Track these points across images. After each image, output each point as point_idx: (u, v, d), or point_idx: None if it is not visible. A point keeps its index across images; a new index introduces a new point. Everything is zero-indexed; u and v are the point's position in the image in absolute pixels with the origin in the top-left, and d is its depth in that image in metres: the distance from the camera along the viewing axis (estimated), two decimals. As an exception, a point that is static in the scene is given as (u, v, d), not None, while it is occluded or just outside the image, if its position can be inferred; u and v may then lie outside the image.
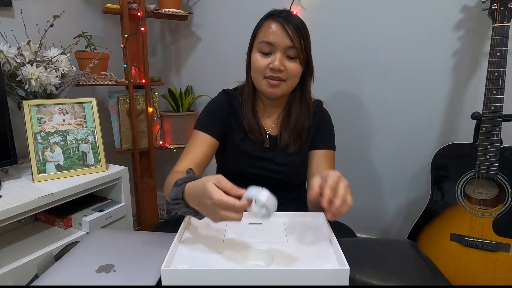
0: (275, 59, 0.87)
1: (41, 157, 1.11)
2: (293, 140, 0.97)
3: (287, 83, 0.91)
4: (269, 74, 0.89)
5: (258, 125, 0.97)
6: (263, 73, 0.90)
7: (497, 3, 1.08)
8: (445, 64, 1.31)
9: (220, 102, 1.00)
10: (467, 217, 1.12)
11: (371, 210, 1.56)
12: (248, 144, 0.98)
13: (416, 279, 0.60)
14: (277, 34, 0.87)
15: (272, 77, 0.89)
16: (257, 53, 0.91)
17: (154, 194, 1.73)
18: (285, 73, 0.89)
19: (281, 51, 0.88)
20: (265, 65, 0.89)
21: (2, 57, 1.10)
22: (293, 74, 0.90)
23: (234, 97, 1.01)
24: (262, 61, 0.89)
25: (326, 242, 0.66)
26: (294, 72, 0.90)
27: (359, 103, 1.48)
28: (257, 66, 0.90)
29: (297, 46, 0.87)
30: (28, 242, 1.06)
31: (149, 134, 1.68)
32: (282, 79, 0.90)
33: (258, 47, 0.90)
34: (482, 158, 1.09)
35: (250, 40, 0.95)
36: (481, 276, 1.10)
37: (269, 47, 0.88)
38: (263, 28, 0.90)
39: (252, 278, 0.54)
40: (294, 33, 0.86)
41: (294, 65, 0.89)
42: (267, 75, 0.90)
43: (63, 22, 1.38)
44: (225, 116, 0.98)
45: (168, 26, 1.92)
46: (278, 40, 0.87)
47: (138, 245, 0.70)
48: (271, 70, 0.88)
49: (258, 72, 0.91)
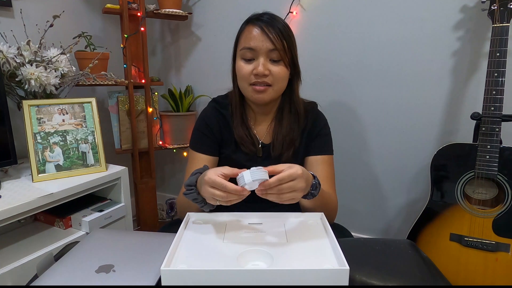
0: (258, 64, 0.85)
1: (40, 157, 1.11)
2: (286, 148, 0.94)
3: (273, 88, 0.88)
4: (254, 80, 0.87)
5: (250, 135, 0.95)
6: (248, 80, 0.88)
7: (497, 4, 1.08)
8: (445, 65, 1.31)
9: (209, 117, 0.98)
10: (467, 217, 1.13)
11: (371, 210, 1.56)
12: (240, 155, 0.96)
13: (415, 279, 0.60)
14: (257, 39, 0.85)
15: (258, 83, 0.87)
16: (241, 60, 0.89)
17: (153, 194, 1.73)
18: (271, 77, 0.86)
19: (263, 55, 0.85)
20: (249, 72, 0.87)
21: (2, 57, 1.10)
22: (279, 78, 0.87)
23: (224, 106, 0.98)
24: (246, 68, 0.87)
25: (325, 242, 0.66)
26: (280, 75, 0.87)
27: (359, 103, 1.48)
28: (242, 74, 0.88)
29: (279, 48, 0.85)
30: (28, 242, 1.06)
31: (149, 134, 1.68)
32: (268, 84, 0.87)
33: (240, 54, 0.89)
34: (481, 158, 1.09)
35: (233, 48, 0.94)
36: (481, 276, 1.10)
37: (251, 53, 0.86)
38: (244, 34, 0.89)
39: (252, 278, 0.54)
40: (275, 35, 0.84)
41: (279, 68, 0.87)
42: (252, 82, 0.87)
43: (62, 22, 1.38)
44: (216, 130, 0.96)
45: (168, 26, 1.92)
46: (259, 44, 0.85)
47: (138, 245, 0.70)
48: (256, 76, 0.86)
49: (243, 80, 0.89)
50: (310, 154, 0.97)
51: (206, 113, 1.00)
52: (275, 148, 0.94)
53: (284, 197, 0.66)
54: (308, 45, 1.52)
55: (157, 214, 1.77)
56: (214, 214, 0.78)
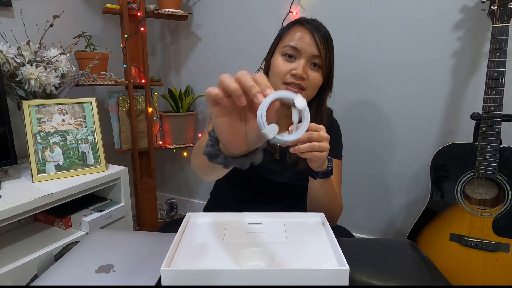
0: (298, 66, 0.83)
1: (40, 157, 1.11)
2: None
3: (306, 92, 0.86)
4: (289, 80, 0.85)
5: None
6: (283, 79, 0.86)
7: (497, 4, 1.08)
8: (445, 64, 1.31)
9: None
10: (467, 217, 1.13)
11: (371, 210, 1.56)
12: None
13: (415, 279, 0.60)
14: (304, 40, 0.84)
15: (293, 83, 0.85)
16: (280, 57, 0.87)
17: (153, 194, 1.73)
18: (306, 81, 0.85)
19: (305, 59, 0.84)
20: (287, 70, 0.85)
21: (2, 57, 1.10)
22: (314, 84, 0.87)
23: None
24: (285, 65, 0.85)
25: (325, 242, 0.66)
26: (315, 82, 0.86)
27: (358, 103, 1.48)
28: (279, 70, 0.86)
29: (322, 56, 0.84)
30: (28, 242, 1.06)
31: (149, 134, 1.68)
32: (302, 87, 0.85)
33: (282, 50, 0.87)
34: (481, 158, 1.09)
35: (273, 43, 0.92)
36: (481, 276, 1.10)
37: (294, 52, 0.85)
38: (290, 33, 0.87)
39: (252, 278, 0.54)
40: (321, 42, 0.84)
41: (317, 75, 0.86)
42: (287, 81, 0.85)
43: (62, 22, 1.38)
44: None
45: (168, 26, 1.92)
46: (305, 47, 0.84)
47: (137, 245, 0.70)
48: (293, 76, 0.84)
49: (278, 77, 0.86)
50: None
51: None
52: (291, 157, 0.92)
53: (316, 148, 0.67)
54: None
55: (157, 214, 1.77)
56: (214, 214, 0.78)
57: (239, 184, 0.99)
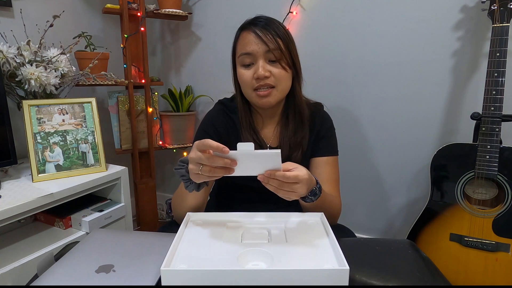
0: (258, 68, 0.85)
1: (40, 157, 1.11)
2: (294, 150, 0.94)
3: (277, 89, 0.87)
4: (256, 85, 0.86)
5: (258, 139, 0.94)
6: (251, 86, 0.87)
7: (497, 4, 1.08)
8: (445, 65, 1.31)
9: (215, 118, 0.97)
10: (467, 217, 1.13)
11: (371, 210, 1.56)
12: None
13: (415, 279, 0.60)
14: (252, 43, 0.85)
15: (261, 86, 0.86)
16: (241, 68, 0.89)
17: (153, 194, 1.73)
18: (272, 78, 0.86)
19: (261, 58, 0.85)
20: (251, 77, 0.86)
21: (2, 57, 1.10)
22: (281, 77, 0.87)
23: (232, 110, 0.97)
24: (247, 73, 0.87)
25: (325, 242, 0.66)
26: (281, 75, 0.86)
27: (358, 103, 1.48)
28: (244, 80, 0.88)
29: (275, 47, 0.84)
30: (28, 242, 1.05)
31: (149, 134, 1.68)
32: (271, 86, 0.86)
33: (239, 61, 0.89)
34: (481, 158, 1.09)
35: (231, 57, 0.94)
36: (481, 276, 1.10)
37: (250, 58, 0.86)
38: (239, 41, 0.89)
39: (252, 278, 0.54)
40: (269, 36, 0.84)
41: (279, 68, 0.86)
42: (255, 87, 0.87)
43: (62, 22, 1.38)
44: (223, 133, 0.95)
45: (168, 26, 1.92)
46: (255, 48, 0.85)
47: (137, 245, 0.70)
48: (258, 80, 0.85)
49: (246, 86, 0.88)
50: (315, 155, 0.96)
51: (213, 115, 0.98)
52: (283, 150, 0.92)
53: (281, 192, 0.68)
54: (308, 45, 1.52)
55: (157, 214, 1.77)
56: (214, 214, 0.78)
57: (238, 185, 0.98)
